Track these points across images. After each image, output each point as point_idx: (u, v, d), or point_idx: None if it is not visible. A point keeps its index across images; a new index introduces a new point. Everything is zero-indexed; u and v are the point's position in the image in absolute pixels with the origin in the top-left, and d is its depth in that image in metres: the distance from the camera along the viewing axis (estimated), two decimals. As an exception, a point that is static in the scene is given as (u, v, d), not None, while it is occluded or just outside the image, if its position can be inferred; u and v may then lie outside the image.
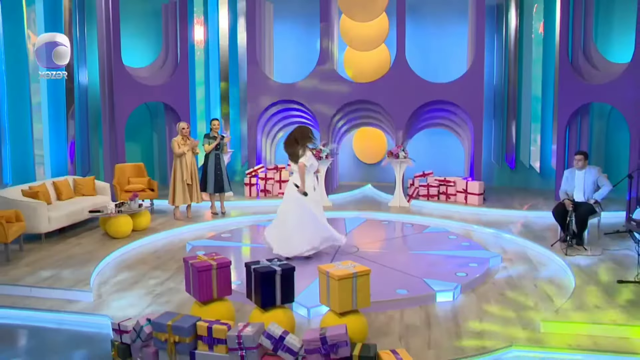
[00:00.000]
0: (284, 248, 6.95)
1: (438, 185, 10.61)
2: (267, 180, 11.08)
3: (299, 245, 6.92)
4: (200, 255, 4.80)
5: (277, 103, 11.32)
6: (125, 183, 9.96)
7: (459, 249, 7.52)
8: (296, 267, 4.70)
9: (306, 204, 6.97)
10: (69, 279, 6.38)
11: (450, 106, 10.62)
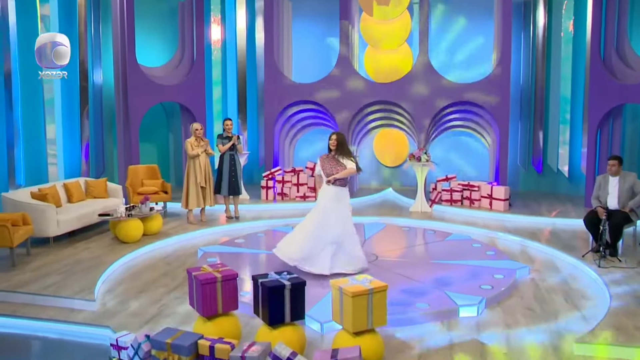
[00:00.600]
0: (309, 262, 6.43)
1: (461, 190, 10.17)
2: (284, 183, 10.76)
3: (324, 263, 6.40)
4: (205, 266, 4.48)
5: (295, 104, 10.99)
6: (139, 185, 9.73)
7: (483, 259, 7.10)
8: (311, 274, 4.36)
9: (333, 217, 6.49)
10: (74, 286, 6.12)
11: (475, 107, 10.17)
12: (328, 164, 6.55)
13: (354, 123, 10.75)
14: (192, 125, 8.97)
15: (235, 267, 6.80)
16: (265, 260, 7.26)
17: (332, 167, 6.51)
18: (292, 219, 9.51)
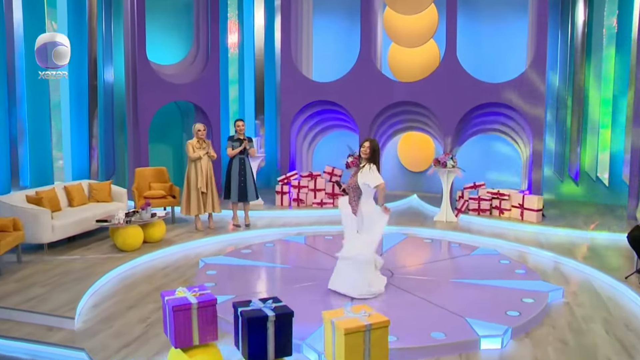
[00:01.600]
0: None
1: (490, 198, 9.37)
2: (300, 188, 10.15)
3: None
4: (180, 289, 3.89)
5: (313, 104, 10.37)
6: (146, 188, 9.25)
7: (511, 278, 6.34)
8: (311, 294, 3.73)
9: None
10: (58, 299, 5.63)
11: (506, 109, 9.36)
12: (353, 172, 5.92)
13: (375, 125, 10.06)
14: (194, 125, 8.45)
15: (236, 282, 6.26)
16: (270, 276, 6.65)
17: (351, 177, 5.86)
18: (307, 227, 8.93)
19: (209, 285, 6.04)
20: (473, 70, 9.69)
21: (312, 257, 7.31)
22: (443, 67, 9.53)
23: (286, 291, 5.92)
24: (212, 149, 8.54)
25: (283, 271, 6.80)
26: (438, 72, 9.59)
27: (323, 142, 11.66)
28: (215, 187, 8.55)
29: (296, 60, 10.54)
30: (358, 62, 9.90)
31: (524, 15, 10.25)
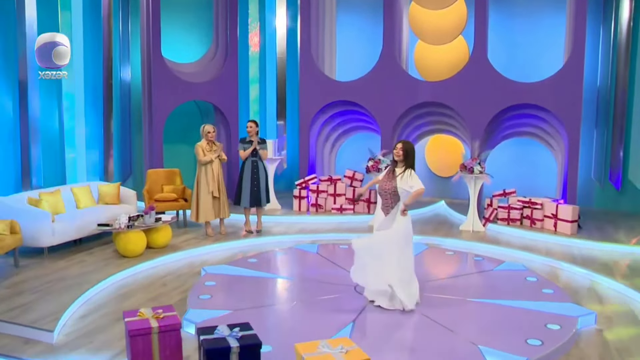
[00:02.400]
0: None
1: (521, 207, 8.67)
2: (319, 193, 9.68)
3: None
4: (143, 310, 3.47)
5: (334, 104, 9.88)
6: (158, 191, 8.96)
7: (537, 299, 5.69)
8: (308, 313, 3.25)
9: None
10: (45, 309, 5.32)
11: (540, 111, 8.65)
12: (385, 177, 5.45)
13: (399, 127, 9.50)
14: (203, 127, 8.08)
15: (233, 295, 5.83)
16: (270, 289, 6.18)
17: (385, 182, 5.40)
18: (323, 235, 8.45)
19: (204, 297, 5.67)
20: (505, 69, 9.04)
21: (321, 269, 6.82)
22: (471, 65, 8.88)
23: (282, 309, 5.49)
24: (223, 151, 8.17)
25: (285, 284, 6.32)
26: (466, 71, 8.95)
27: (347, 144, 11.16)
28: (225, 191, 8.19)
29: (317, 58, 10.09)
30: (380, 61, 9.36)
31: (561, 10, 9.50)
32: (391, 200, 5.36)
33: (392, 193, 5.32)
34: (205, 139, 7.99)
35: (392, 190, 5.32)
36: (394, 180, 5.34)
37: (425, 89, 9.21)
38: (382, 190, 5.41)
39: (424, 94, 9.16)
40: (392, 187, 5.31)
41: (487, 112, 8.71)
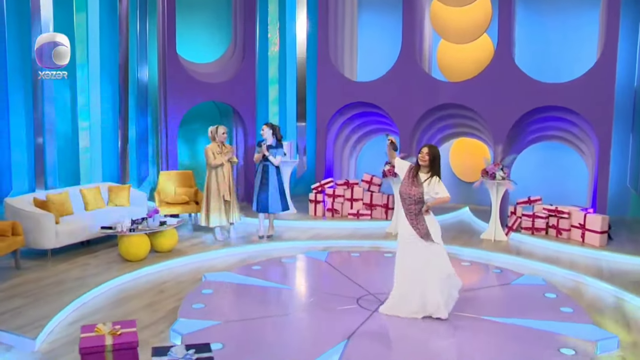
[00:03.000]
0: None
1: (547, 216, 8.15)
2: (335, 197, 9.36)
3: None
4: (100, 325, 3.24)
5: (352, 105, 9.54)
6: (171, 193, 8.83)
7: (553, 318, 5.23)
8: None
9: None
10: (32, 315, 5.19)
11: (568, 113, 8.10)
12: (409, 181, 5.15)
13: (419, 129, 9.09)
14: (216, 128, 7.85)
15: (227, 306, 5.59)
16: (266, 299, 5.88)
17: (409, 187, 5.13)
18: (337, 242, 8.15)
19: (197, 307, 5.44)
20: (535, 69, 8.52)
21: (326, 279, 6.52)
22: (494, 65, 8.39)
23: (274, 321, 5.20)
24: (234, 153, 7.96)
25: (284, 294, 5.98)
26: (488, 70, 8.47)
27: (368, 147, 10.80)
28: (236, 195, 7.98)
29: (336, 58, 9.78)
30: (399, 60, 8.96)
31: (596, 4, 8.89)
32: (415, 207, 5.10)
33: (418, 200, 5.08)
34: (218, 141, 7.79)
35: (417, 197, 5.08)
36: (419, 186, 5.08)
37: (446, 89, 8.77)
38: (407, 195, 5.13)
39: (444, 95, 8.73)
40: (418, 194, 5.07)
41: (510, 115, 8.21)
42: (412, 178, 5.15)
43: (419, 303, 5.19)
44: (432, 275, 5.14)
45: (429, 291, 5.15)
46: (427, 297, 5.15)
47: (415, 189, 5.09)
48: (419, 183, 5.10)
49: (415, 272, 5.17)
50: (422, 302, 5.18)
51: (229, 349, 4.52)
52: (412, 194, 5.09)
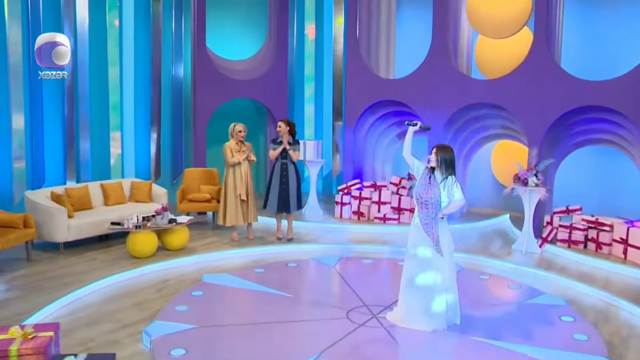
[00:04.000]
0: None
1: (586, 228, 7.37)
2: (361, 200, 8.99)
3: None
4: (15, 328, 3.13)
5: (383, 104, 9.11)
6: (195, 190, 8.82)
7: (563, 347, 4.62)
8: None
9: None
10: (19, 307, 5.27)
11: (613, 114, 7.27)
12: (424, 184, 4.92)
13: (450, 130, 8.53)
14: (233, 126, 7.70)
15: (212, 310, 5.40)
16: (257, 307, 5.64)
17: (425, 190, 4.90)
18: (356, 246, 7.80)
19: (180, 309, 5.31)
20: (571, 66, 7.72)
21: (326, 287, 6.20)
22: (529, 61, 7.67)
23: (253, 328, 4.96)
24: (253, 152, 7.79)
25: (276, 301, 5.67)
26: (522, 67, 7.76)
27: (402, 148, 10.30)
28: (254, 194, 7.82)
29: (369, 55, 9.39)
30: (429, 57, 8.43)
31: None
32: (432, 210, 4.88)
33: (435, 203, 4.86)
34: (235, 139, 7.66)
35: (435, 199, 4.86)
36: (435, 188, 4.87)
37: (477, 88, 8.14)
38: (424, 198, 4.88)
39: (476, 93, 8.10)
40: (436, 196, 4.86)
41: (547, 115, 7.48)
42: (429, 180, 4.90)
43: (427, 315, 4.90)
44: (439, 286, 4.90)
45: (435, 303, 4.89)
46: (434, 308, 4.90)
47: (432, 192, 4.86)
48: (436, 184, 4.87)
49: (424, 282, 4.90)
50: (429, 314, 4.91)
51: (190, 356, 4.34)
52: (429, 197, 4.86)
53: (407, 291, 5.02)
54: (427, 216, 4.88)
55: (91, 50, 9.00)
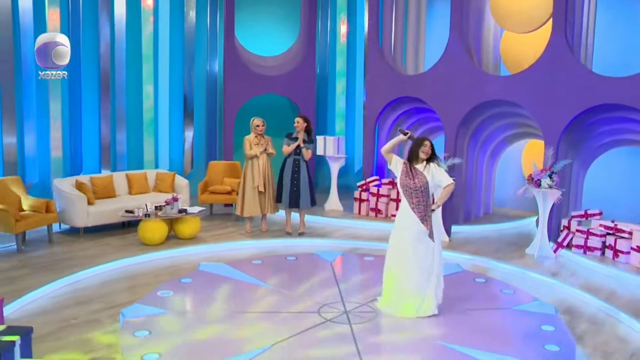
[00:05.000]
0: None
1: (604, 234, 6.93)
2: (379, 197, 8.93)
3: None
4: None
5: (403, 101, 8.98)
6: (219, 182, 9.14)
7: (525, 356, 4.43)
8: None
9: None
10: (19, 284, 5.74)
11: (631, 112, 6.77)
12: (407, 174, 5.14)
13: (469, 128, 8.27)
14: (252, 120, 7.93)
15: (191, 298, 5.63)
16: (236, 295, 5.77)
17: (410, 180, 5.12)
18: (365, 243, 7.78)
19: (163, 294, 5.58)
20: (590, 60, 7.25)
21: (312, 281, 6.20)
22: (546, 56, 7.26)
23: (215, 315, 5.13)
24: (272, 145, 7.97)
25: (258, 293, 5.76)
26: (539, 63, 7.35)
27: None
28: (273, 187, 7.99)
29: (395, 51, 9.27)
30: (446, 52, 8.20)
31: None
32: (423, 197, 5.08)
33: (424, 190, 5.09)
34: (254, 133, 7.87)
35: (423, 187, 5.08)
36: (421, 176, 5.08)
37: (494, 84, 7.81)
38: (412, 189, 5.08)
39: (492, 90, 7.79)
40: (424, 184, 5.08)
41: (564, 114, 7.08)
42: (408, 172, 5.12)
43: (416, 301, 5.10)
44: (431, 274, 5.12)
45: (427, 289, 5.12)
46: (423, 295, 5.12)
47: (418, 181, 5.06)
48: (418, 173, 5.09)
49: (416, 270, 5.08)
50: (419, 300, 5.10)
51: (151, 337, 4.59)
52: (417, 186, 5.06)
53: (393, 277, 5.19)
54: (419, 203, 5.04)
55: (128, 46, 9.51)
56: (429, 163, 5.14)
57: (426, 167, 5.12)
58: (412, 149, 5.19)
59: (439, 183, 5.15)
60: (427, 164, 5.14)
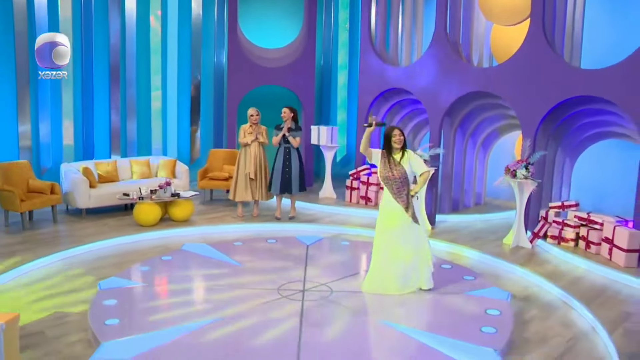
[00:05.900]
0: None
1: (578, 225, 7.00)
2: (368, 185, 9.19)
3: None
4: None
5: (392, 92, 9.18)
6: (219, 169, 9.59)
7: (458, 337, 4.66)
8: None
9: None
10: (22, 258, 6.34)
11: (607, 104, 6.78)
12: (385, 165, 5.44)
13: (455, 118, 8.42)
14: (249, 110, 8.31)
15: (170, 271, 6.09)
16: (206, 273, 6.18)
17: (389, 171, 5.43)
18: (350, 229, 8.09)
19: (143, 269, 6.06)
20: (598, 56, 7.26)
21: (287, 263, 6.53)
22: (525, 47, 7.31)
23: (175, 288, 5.56)
24: (265, 135, 8.33)
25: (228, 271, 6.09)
26: (518, 54, 7.41)
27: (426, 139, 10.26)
28: (266, 174, 8.36)
29: (388, 43, 9.45)
30: (432, 44, 8.34)
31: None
32: (402, 186, 5.38)
33: (403, 180, 5.38)
34: (250, 122, 8.25)
35: (402, 177, 5.37)
36: (399, 166, 5.36)
37: (476, 75, 7.91)
38: (392, 179, 5.40)
39: (473, 81, 7.89)
40: (403, 174, 5.37)
41: (541, 106, 7.14)
42: (386, 162, 5.40)
43: (401, 280, 5.48)
44: (422, 253, 5.54)
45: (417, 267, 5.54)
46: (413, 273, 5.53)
47: (396, 170, 5.34)
48: (396, 163, 5.35)
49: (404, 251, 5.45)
50: (405, 278, 5.50)
51: (117, 306, 5.05)
52: (396, 176, 5.35)
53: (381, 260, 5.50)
54: (400, 192, 5.37)
55: (137, 38, 10.05)
56: (405, 151, 5.40)
57: (403, 157, 5.38)
58: (385, 143, 5.44)
59: (415, 171, 5.43)
60: (403, 153, 5.39)
